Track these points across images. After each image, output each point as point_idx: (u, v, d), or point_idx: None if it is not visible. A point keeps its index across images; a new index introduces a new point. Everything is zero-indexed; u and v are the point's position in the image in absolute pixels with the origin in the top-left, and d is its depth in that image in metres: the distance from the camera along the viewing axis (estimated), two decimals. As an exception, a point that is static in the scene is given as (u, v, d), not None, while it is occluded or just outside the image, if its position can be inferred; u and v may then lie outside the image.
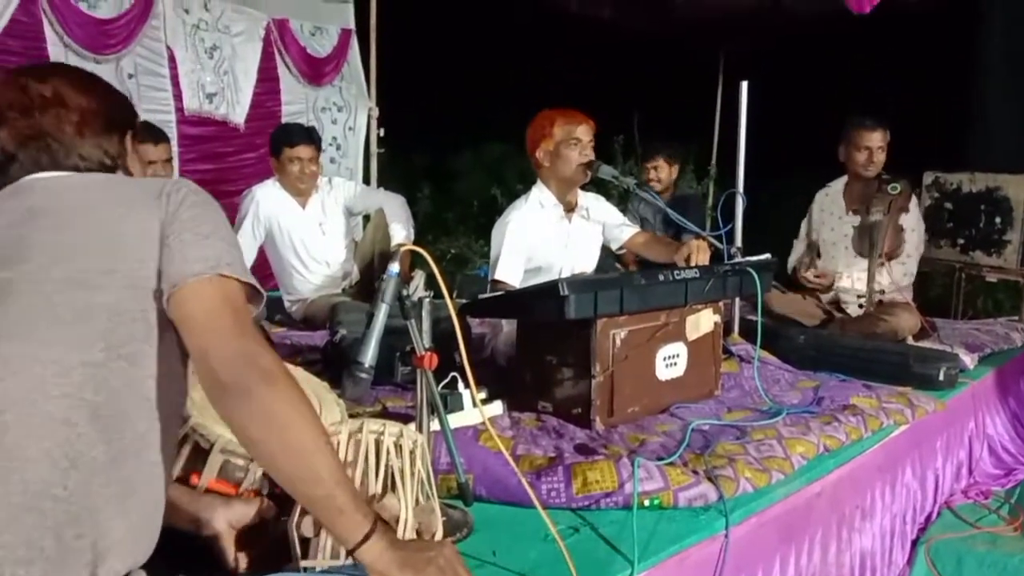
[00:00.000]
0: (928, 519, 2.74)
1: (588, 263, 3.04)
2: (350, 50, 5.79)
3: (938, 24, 6.49)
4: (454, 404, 2.11)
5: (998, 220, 4.49)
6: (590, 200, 3.07)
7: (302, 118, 5.33)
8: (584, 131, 2.86)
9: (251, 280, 1.18)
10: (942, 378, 2.83)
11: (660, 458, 1.94)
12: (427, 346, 1.62)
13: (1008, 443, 3.28)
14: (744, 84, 3.13)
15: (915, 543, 2.62)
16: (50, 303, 1.09)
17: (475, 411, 2.05)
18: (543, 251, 2.90)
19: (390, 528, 1.22)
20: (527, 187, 3.03)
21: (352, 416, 1.77)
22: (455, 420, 1.92)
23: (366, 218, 4.21)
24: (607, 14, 6.58)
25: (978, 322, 4.09)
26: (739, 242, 3.08)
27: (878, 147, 3.56)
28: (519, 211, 2.91)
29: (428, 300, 1.67)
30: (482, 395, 2.24)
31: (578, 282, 2.16)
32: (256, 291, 1.20)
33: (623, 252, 3.59)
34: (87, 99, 1.28)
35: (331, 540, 1.27)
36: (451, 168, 8.14)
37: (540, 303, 2.18)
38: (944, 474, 2.87)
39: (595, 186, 3.83)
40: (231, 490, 1.44)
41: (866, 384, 2.73)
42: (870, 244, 3.52)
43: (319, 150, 3.72)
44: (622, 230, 3.10)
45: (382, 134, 5.99)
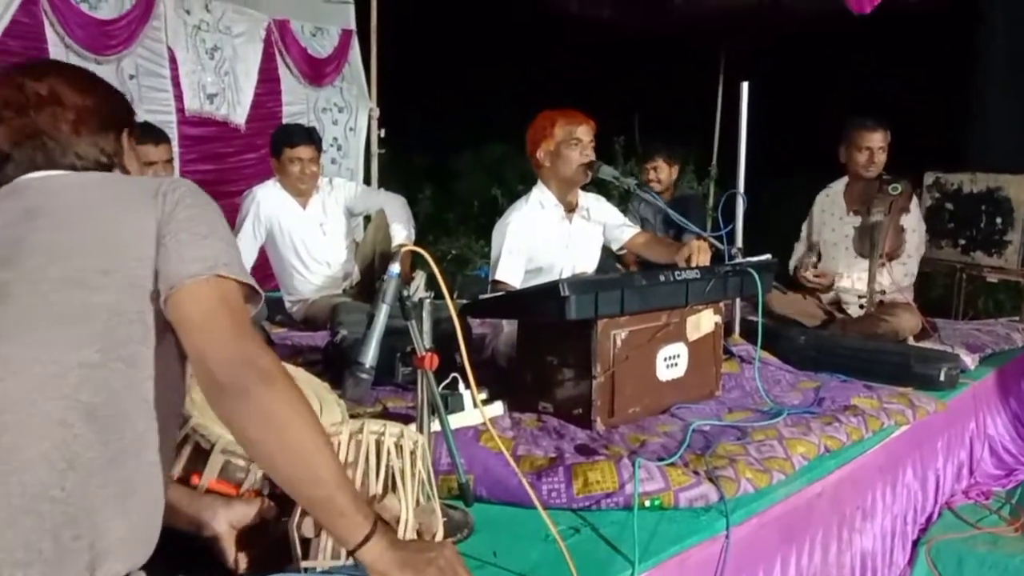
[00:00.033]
0: (929, 520, 2.74)
1: (589, 264, 3.04)
2: (351, 51, 5.79)
3: (938, 24, 6.49)
4: (455, 405, 2.11)
5: (999, 220, 4.49)
6: (591, 200, 3.07)
7: (303, 119, 5.34)
8: (585, 131, 2.86)
9: (249, 280, 1.17)
10: (943, 378, 2.83)
11: (661, 458, 1.93)
12: (428, 347, 1.62)
13: (1009, 443, 3.28)
14: (745, 85, 3.12)
15: (916, 544, 2.62)
16: (47, 303, 1.09)
17: (476, 412, 2.05)
18: (544, 252, 2.90)
19: (391, 529, 1.22)
20: (528, 188, 3.03)
21: (353, 417, 1.77)
22: (456, 421, 1.92)
23: (367, 219, 4.21)
24: (607, 14, 6.60)
25: (979, 322, 4.09)
26: (740, 242, 3.08)
27: (879, 147, 3.56)
28: (520, 211, 2.91)
29: (429, 301, 1.67)
30: (483, 396, 2.24)
31: (579, 283, 2.16)
32: (254, 291, 1.20)
33: (624, 253, 3.59)
34: (83, 97, 1.27)
35: (332, 541, 1.27)
36: (452, 169, 8.15)
37: (541, 304, 2.18)
38: (945, 475, 2.87)
39: (596, 187, 3.83)
40: (232, 491, 1.44)
41: (867, 384, 2.73)
42: (871, 244, 3.51)
43: (320, 150, 3.73)
44: (623, 230, 3.10)
45: (383, 135, 5.99)
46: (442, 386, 2.02)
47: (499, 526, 1.67)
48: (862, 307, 3.56)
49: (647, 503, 1.76)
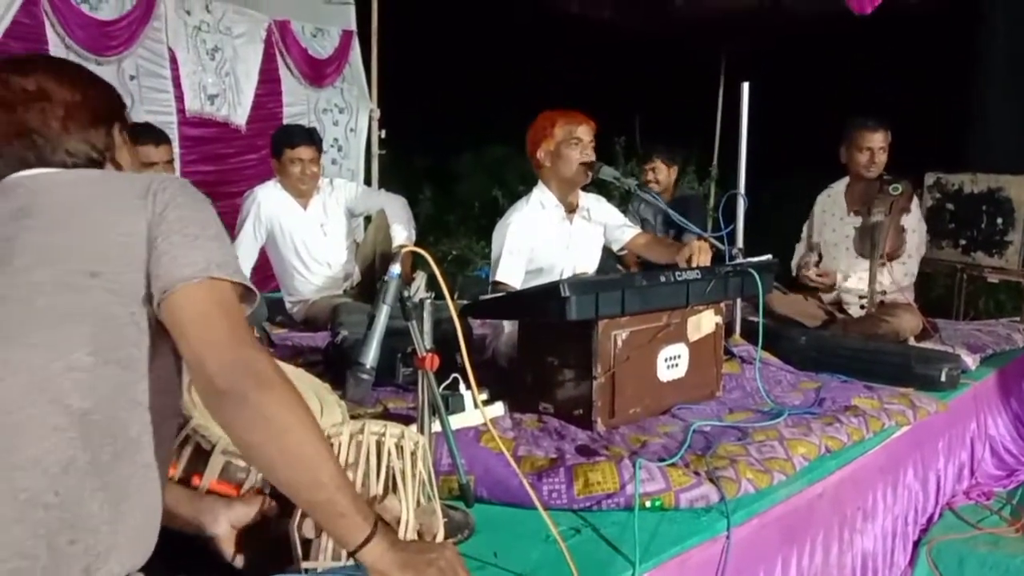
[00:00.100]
0: (930, 520, 2.74)
1: (589, 264, 3.04)
2: (351, 51, 5.79)
3: (939, 24, 6.49)
4: (455, 405, 2.11)
5: (1000, 221, 4.49)
6: (591, 201, 3.07)
7: (303, 119, 5.34)
8: (585, 131, 2.86)
9: (243, 279, 1.15)
10: (944, 379, 2.83)
11: (661, 459, 1.93)
12: (428, 347, 1.62)
13: (1010, 444, 3.28)
14: (745, 85, 3.12)
15: (917, 544, 2.62)
16: (37, 306, 1.07)
17: (476, 412, 2.05)
18: (544, 252, 2.90)
19: (391, 530, 1.22)
20: (528, 188, 3.03)
21: (353, 417, 1.77)
22: (456, 421, 1.92)
23: (367, 219, 4.21)
24: (607, 15, 6.60)
25: (980, 323, 4.09)
26: (740, 243, 3.08)
27: (879, 148, 3.57)
28: (520, 212, 2.91)
29: (429, 301, 1.67)
30: (483, 396, 2.24)
31: (579, 283, 2.16)
32: (249, 289, 1.18)
33: (624, 253, 3.59)
34: (71, 92, 1.24)
35: (332, 541, 1.27)
36: (452, 169, 8.15)
37: (541, 304, 2.18)
38: (946, 475, 2.87)
39: (596, 187, 3.83)
40: (232, 491, 1.44)
41: (868, 385, 2.73)
42: (871, 245, 3.51)
43: (320, 151, 3.73)
44: (623, 231, 3.10)
45: (383, 135, 6.00)
46: (443, 387, 2.02)
47: (500, 527, 1.67)
48: (863, 307, 3.56)
49: (648, 504, 1.76)
